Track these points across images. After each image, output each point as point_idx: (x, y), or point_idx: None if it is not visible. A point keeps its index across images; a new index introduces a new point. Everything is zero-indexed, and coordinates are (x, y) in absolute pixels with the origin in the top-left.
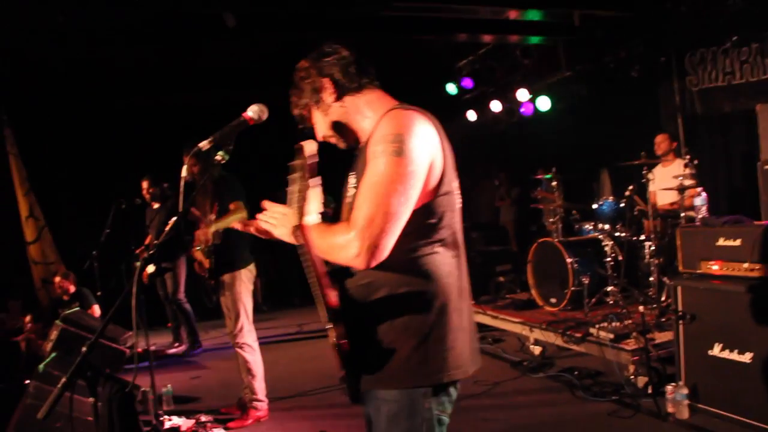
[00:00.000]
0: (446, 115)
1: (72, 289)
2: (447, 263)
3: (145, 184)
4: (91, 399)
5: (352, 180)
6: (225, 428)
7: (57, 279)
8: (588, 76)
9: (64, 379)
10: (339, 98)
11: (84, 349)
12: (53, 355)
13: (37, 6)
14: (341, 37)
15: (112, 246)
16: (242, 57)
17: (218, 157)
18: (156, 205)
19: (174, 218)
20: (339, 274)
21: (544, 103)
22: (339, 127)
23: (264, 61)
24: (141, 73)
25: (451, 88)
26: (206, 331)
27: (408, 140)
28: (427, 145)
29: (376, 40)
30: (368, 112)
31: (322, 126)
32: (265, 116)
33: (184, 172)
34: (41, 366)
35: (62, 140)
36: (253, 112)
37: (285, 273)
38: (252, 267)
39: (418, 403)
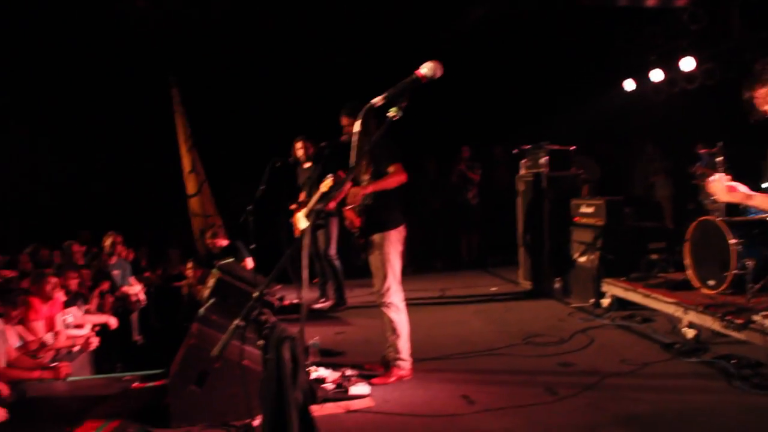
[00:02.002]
0: (601, 84)
1: (223, 243)
2: None
3: (298, 144)
4: (260, 342)
5: None
6: (369, 383)
7: (208, 239)
8: (763, 43)
9: (237, 322)
10: None
11: (255, 294)
12: (212, 300)
13: None
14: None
15: (266, 202)
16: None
17: (391, 114)
18: (308, 165)
19: (330, 176)
20: None
21: (710, 74)
22: None
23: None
24: (300, 34)
25: None
26: (351, 289)
27: None
28: None
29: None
30: None
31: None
32: (439, 73)
33: (356, 127)
34: (201, 310)
35: (224, 100)
36: (427, 69)
37: (429, 237)
38: (402, 228)
39: None
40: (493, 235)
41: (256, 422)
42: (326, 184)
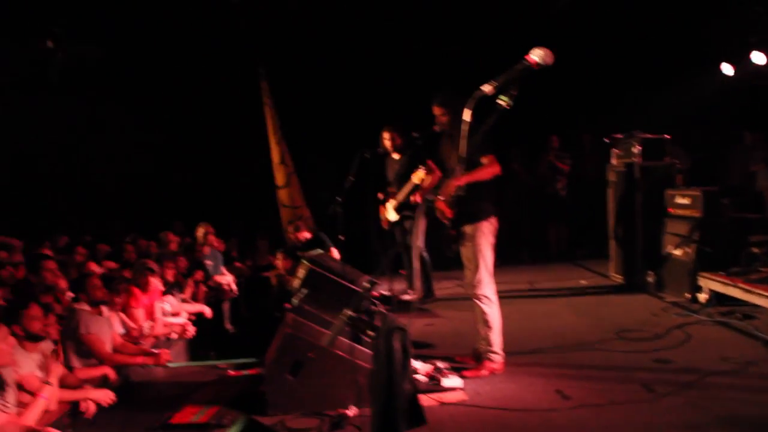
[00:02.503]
0: (695, 68)
1: (306, 236)
2: None
3: (386, 135)
4: (371, 332)
5: None
6: (461, 376)
7: (290, 233)
8: None
9: (348, 312)
10: None
11: (366, 285)
12: (305, 291)
13: None
14: None
15: (354, 194)
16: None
17: (501, 102)
18: (397, 156)
19: (422, 167)
20: None
21: None
22: None
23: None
24: (392, 24)
25: None
26: (439, 281)
27: None
28: None
29: None
30: None
31: None
32: (550, 61)
33: (467, 116)
34: (295, 300)
35: (313, 92)
36: (538, 56)
37: (516, 228)
38: (494, 219)
39: None
40: (582, 227)
41: (350, 412)
42: (418, 175)
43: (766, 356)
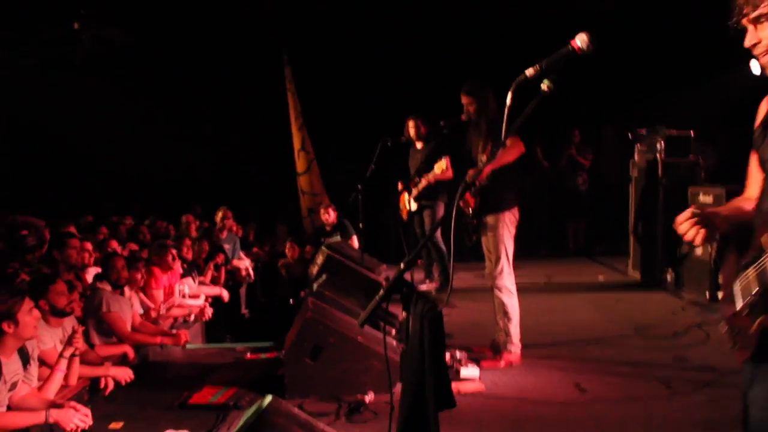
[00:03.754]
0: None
1: (333, 219)
2: None
3: (411, 123)
4: (404, 313)
5: None
6: (478, 366)
7: (321, 211)
8: None
9: (382, 292)
10: None
11: (402, 266)
12: (323, 277)
13: None
14: None
15: (375, 182)
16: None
17: (544, 87)
18: (420, 145)
19: (445, 157)
20: None
21: None
22: None
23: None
24: (414, 13)
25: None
26: (456, 272)
27: None
28: None
29: None
30: None
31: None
32: (592, 47)
33: (509, 100)
34: (314, 285)
35: (336, 78)
36: (581, 41)
37: (534, 222)
38: (516, 210)
39: None
40: (601, 223)
41: (368, 398)
42: (440, 165)
43: None
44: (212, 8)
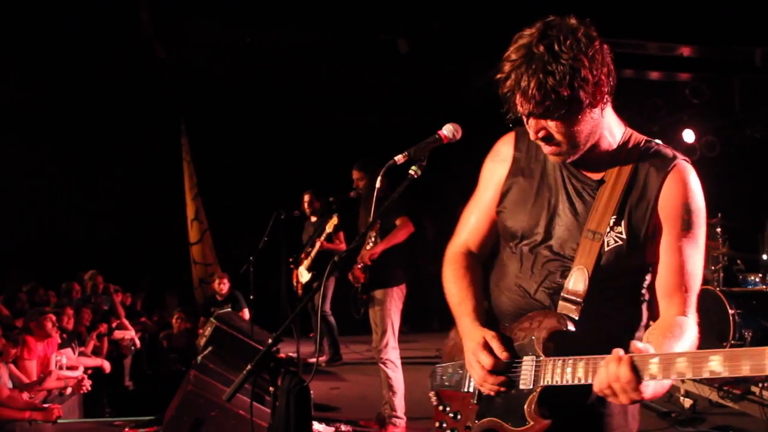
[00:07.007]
0: None
1: (226, 290)
2: None
3: (306, 197)
4: (271, 388)
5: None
6: None
7: (216, 281)
8: (765, 119)
9: (249, 367)
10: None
11: (270, 341)
12: (210, 348)
13: (228, 30)
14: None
15: (268, 254)
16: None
17: (411, 172)
18: (314, 219)
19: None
20: None
21: (711, 146)
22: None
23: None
24: (312, 91)
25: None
26: (347, 345)
27: None
28: None
29: None
30: (615, 132)
31: (569, 129)
32: (459, 135)
33: (378, 183)
34: (199, 358)
35: (232, 149)
36: (448, 131)
37: (426, 296)
38: (404, 287)
39: None
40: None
41: None
42: (331, 223)
43: (659, 426)
44: (113, 73)
